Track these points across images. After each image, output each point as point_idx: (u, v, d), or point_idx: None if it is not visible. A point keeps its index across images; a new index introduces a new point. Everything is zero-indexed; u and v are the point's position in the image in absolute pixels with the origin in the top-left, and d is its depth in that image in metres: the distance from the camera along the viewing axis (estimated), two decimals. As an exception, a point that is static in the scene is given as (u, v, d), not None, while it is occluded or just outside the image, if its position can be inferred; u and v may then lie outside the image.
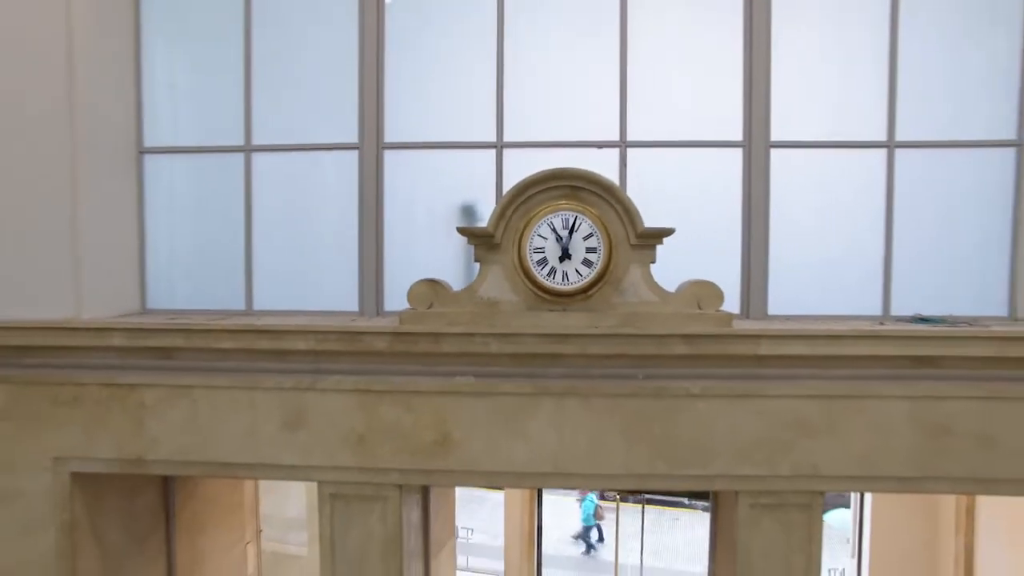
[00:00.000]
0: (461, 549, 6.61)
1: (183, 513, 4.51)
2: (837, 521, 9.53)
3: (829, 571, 8.95)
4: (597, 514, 12.07)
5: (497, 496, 11.94)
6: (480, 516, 12.23)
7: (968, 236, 3.63)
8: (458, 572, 5.75)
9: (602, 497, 12.53)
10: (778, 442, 3.31)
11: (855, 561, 6.40)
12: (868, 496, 6.43)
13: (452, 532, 4.86)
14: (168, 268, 4.03)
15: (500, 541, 8.88)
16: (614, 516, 10.68)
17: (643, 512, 9.74)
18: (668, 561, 10.28)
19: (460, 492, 6.30)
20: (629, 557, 9.00)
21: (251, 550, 5.69)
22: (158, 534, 4.33)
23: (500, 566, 8.82)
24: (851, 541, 6.35)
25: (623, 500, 11.43)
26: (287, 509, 8.47)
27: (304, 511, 8.59)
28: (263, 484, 6.30)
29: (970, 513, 5.50)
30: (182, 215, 4.02)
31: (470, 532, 10.95)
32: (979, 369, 3.22)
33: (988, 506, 5.22)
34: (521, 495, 8.81)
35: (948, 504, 5.72)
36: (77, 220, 3.54)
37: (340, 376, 3.43)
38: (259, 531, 6.04)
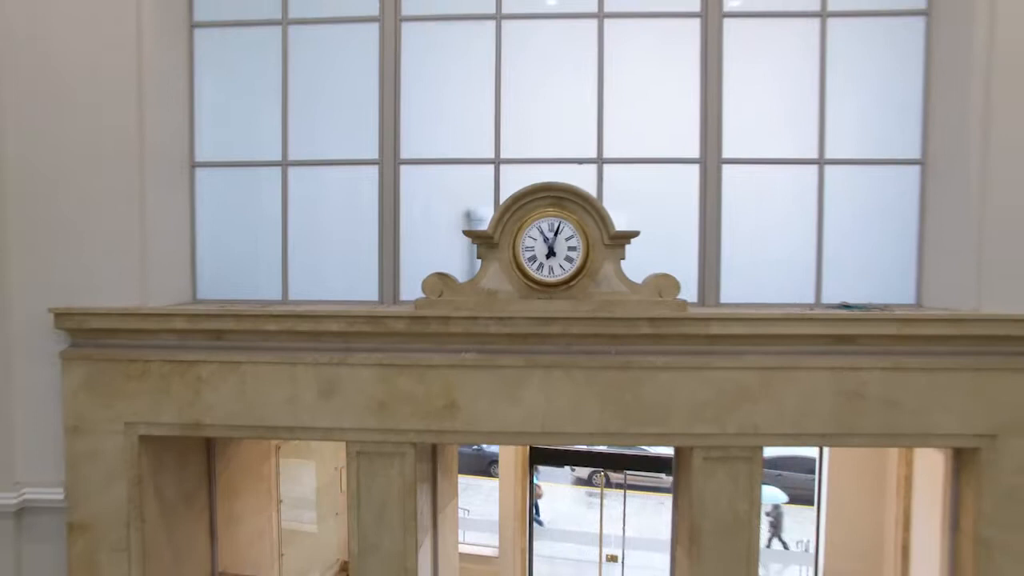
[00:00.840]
0: (460, 524, 7.30)
1: (222, 478, 5.20)
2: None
3: (796, 543, 9.80)
4: (535, 492, 12.91)
5: (491, 483, 12.73)
6: (476, 501, 13.00)
7: (884, 238, 4.39)
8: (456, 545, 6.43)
9: (590, 482, 13.30)
10: (725, 405, 4.04)
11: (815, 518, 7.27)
12: (826, 466, 7.24)
13: (455, 492, 5.58)
14: (214, 265, 4.72)
15: (495, 517, 9.62)
16: (598, 500, 11.45)
17: (624, 495, 10.50)
18: (651, 534, 11.00)
19: (459, 480, 7.00)
20: (613, 529, 9.77)
21: (273, 517, 6.37)
22: (202, 494, 5.02)
23: (495, 539, 9.59)
24: (814, 502, 7.23)
25: (607, 486, 12.20)
26: (299, 491, 9.14)
27: (314, 494, 9.27)
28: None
29: (908, 481, 6.26)
30: (226, 220, 4.72)
31: (467, 512, 11.69)
32: (886, 345, 3.97)
33: (920, 475, 5.99)
34: (514, 476, 9.54)
35: (892, 473, 6.49)
36: (144, 224, 4.24)
37: (366, 353, 4.13)
38: (279, 502, 6.72)
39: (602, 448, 9.11)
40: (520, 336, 4.05)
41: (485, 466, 14.99)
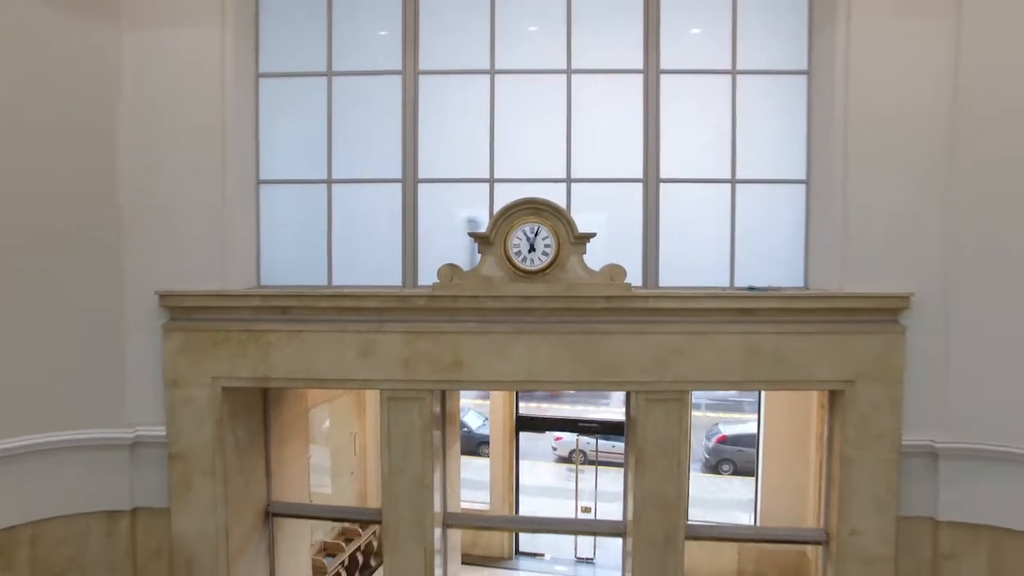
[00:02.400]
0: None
1: (274, 427, 6.54)
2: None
3: (748, 501, 11.36)
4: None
5: (481, 461, 14.21)
6: (467, 473, 14.43)
7: (781, 237, 5.87)
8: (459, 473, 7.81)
9: (569, 459, 14.79)
10: (661, 361, 5.46)
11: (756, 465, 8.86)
12: (763, 422, 8.79)
13: (457, 437, 6.98)
14: (273, 258, 6.10)
15: (486, 477, 11.07)
16: (574, 475, 12.99)
17: (596, 470, 12.01)
18: (617, 490, 12.56)
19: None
20: (587, 484, 11.27)
21: (306, 465, 7.73)
22: (260, 438, 6.37)
23: (487, 496, 11.06)
24: (757, 447, 8.84)
25: (583, 463, 13.71)
26: (315, 459, 10.47)
27: (328, 459, 10.63)
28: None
29: (821, 436, 7.76)
30: (282, 224, 6.10)
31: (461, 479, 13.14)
32: (777, 316, 5.42)
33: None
34: (503, 445, 11.00)
35: (814, 432, 7.99)
36: (224, 228, 5.60)
37: (395, 323, 5.51)
38: (308, 457, 8.08)
39: (577, 417, 10.49)
40: (509, 310, 5.45)
41: (475, 447, 16.47)
